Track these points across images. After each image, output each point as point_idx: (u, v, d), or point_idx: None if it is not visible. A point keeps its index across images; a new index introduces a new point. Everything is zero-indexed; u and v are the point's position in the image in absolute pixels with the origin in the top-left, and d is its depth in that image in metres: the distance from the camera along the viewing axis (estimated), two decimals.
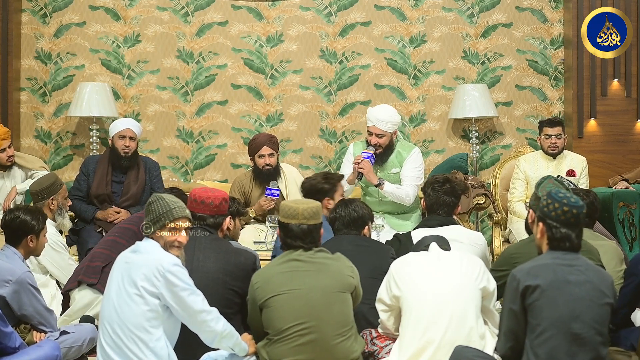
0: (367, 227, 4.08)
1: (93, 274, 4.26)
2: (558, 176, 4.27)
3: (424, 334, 3.36)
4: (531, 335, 3.05)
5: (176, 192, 4.29)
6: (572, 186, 4.15)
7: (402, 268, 3.52)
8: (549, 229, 3.11)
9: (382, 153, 5.31)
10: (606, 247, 4.15)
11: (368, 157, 5.21)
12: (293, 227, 3.48)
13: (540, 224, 3.15)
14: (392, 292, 3.48)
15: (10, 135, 5.67)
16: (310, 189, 4.54)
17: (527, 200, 5.47)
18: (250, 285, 3.54)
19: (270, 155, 5.44)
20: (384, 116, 5.27)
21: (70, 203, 5.13)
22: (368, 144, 5.34)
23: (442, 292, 3.39)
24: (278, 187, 5.35)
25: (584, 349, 2.99)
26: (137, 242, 3.46)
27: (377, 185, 5.22)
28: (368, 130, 5.35)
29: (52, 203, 4.85)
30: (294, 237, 3.50)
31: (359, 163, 5.19)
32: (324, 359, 3.38)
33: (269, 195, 5.29)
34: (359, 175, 5.22)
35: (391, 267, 3.56)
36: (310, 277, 3.44)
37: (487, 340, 3.42)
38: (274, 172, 5.46)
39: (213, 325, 3.34)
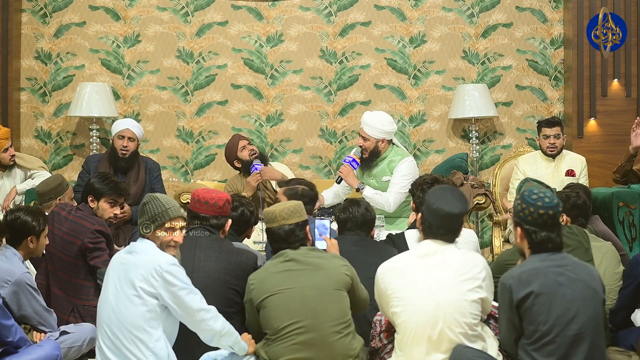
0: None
1: None
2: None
3: (420, 343, 3.27)
4: (528, 341, 3.03)
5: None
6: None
7: (395, 282, 3.32)
8: (528, 234, 3.09)
9: (368, 159, 5.30)
10: (604, 248, 4.15)
11: (348, 162, 5.29)
12: (275, 230, 3.50)
13: (519, 229, 3.12)
14: (392, 309, 3.32)
15: (10, 135, 5.69)
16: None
17: None
18: (247, 287, 3.54)
19: (249, 143, 5.71)
20: (368, 120, 5.30)
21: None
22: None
23: (437, 297, 3.22)
24: (261, 163, 5.51)
25: (584, 348, 2.99)
26: (132, 243, 3.45)
27: (357, 190, 5.25)
28: None
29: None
30: (279, 240, 3.51)
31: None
32: (323, 357, 3.38)
33: (255, 170, 5.44)
34: (338, 179, 5.30)
35: (383, 279, 3.37)
36: (305, 276, 3.44)
37: (488, 342, 3.39)
38: (261, 156, 5.66)
39: (212, 323, 3.33)
